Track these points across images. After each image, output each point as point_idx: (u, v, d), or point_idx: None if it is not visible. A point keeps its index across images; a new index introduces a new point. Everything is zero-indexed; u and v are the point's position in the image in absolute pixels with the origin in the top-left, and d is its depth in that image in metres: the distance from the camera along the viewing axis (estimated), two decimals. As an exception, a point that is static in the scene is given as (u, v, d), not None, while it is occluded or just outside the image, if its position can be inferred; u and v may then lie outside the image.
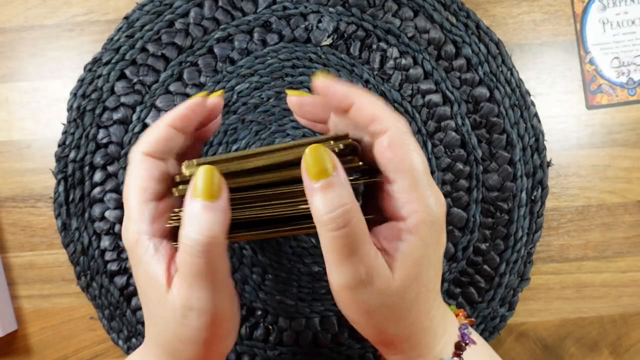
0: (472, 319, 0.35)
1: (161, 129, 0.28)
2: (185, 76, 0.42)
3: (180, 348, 0.27)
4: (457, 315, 0.31)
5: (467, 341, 0.28)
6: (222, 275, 0.26)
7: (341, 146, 0.26)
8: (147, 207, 0.27)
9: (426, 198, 0.25)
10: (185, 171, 0.27)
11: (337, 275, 0.25)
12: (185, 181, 0.27)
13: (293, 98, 0.30)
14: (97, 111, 0.41)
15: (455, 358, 0.28)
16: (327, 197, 0.24)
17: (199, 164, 0.26)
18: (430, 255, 0.26)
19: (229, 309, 0.27)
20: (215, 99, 0.30)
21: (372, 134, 0.26)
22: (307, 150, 0.25)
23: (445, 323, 0.29)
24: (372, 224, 0.27)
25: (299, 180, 0.26)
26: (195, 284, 0.25)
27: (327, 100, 0.28)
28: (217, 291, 0.26)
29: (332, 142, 0.26)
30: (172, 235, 0.28)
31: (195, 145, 0.32)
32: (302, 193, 0.26)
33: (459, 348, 0.28)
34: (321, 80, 0.27)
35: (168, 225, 0.28)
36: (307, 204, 0.26)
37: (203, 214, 0.25)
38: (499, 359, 0.31)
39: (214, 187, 0.25)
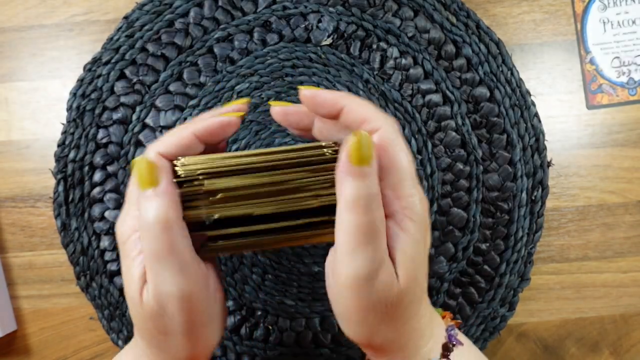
0: (459, 321, 0.36)
1: (185, 136, 0.28)
2: (185, 76, 0.42)
3: (162, 339, 0.27)
4: (443, 317, 0.31)
5: (454, 342, 0.29)
6: (185, 257, 0.26)
7: (332, 152, 0.27)
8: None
9: (412, 196, 0.26)
10: (180, 170, 0.27)
11: (350, 262, 0.25)
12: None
13: (277, 109, 0.30)
14: (97, 111, 0.41)
15: (443, 359, 0.28)
16: (363, 183, 0.25)
17: (188, 163, 0.27)
18: (421, 253, 0.27)
19: (200, 292, 0.27)
20: (244, 107, 0.31)
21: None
22: (356, 135, 0.25)
23: (433, 324, 0.29)
24: None
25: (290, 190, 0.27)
26: (157, 267, 0.26)
27: (316, 109, 0.28)
28: (183, 274, 0.26)
29: (323, 148, 0.27)
30: None
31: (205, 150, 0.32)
32: (297, 191, 0.27)
33: (447, 349, 0.28)
34: (308, 91, 0.28)
35: None
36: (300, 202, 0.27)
37: (149, 201, 0.26)
38: (485, 358, 0.31)
39: (152, 175, 0.26)
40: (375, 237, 0.25)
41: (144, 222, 0.26)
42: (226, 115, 0.29)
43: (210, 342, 0.29)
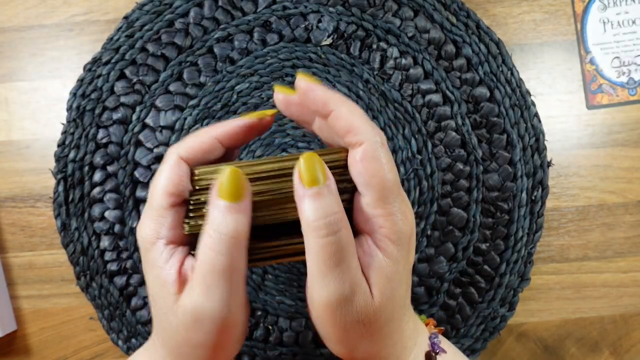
0: (442, 328, 0.36)
1: (206, 140, 0.28)
2: (185, 76, 0.42)
3: (188, 352, 0.27)
4: (427, 325, 0.31)
5: (437, 350, 0.29)
6: (238, 278, 0.26)
7: (333, 157, 0.26)
8: (169, 212, 0.27)
9: (393, 215, 0.26)
10: (199, 178, 0.27)
11: (320, 288, 0.25)
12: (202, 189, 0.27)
13: (280, 95, 0.29)
14: (97, 111, 0.41)
15: None
16: (317, 204, 0.25)
17: (208, 171, 0.27)
18: (400, 272, 0.26)
19: (240, 315, 0.27)
20: (270, 119, 0.30)
21: (347, 144, 0.26)
22: (302, 157, 0.25)
23: (416, 335, 0.29)
24: None
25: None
26: (213, 283, 0.25)
27: (307, 103, 0.28)
28: (232, 294, 0.25)
29: (327, 154, 0.26)
30: (188, 242, 0.28)
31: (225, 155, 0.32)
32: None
33: (429, 357, 0.28)
34: (303, 82, 0.27)
35: (186, 233, 0.27)
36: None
37: (228, 214, 0.25)
38: None
39: (239, 189, 0.26)
40: (343, 259, 0.25)
41: (219, 233, 0.25)
42: (247, 117, 0.29)
43: (233, 353, 0.29)
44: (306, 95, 0.27)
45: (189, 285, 0.26)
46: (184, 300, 0.26)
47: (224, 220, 0.25)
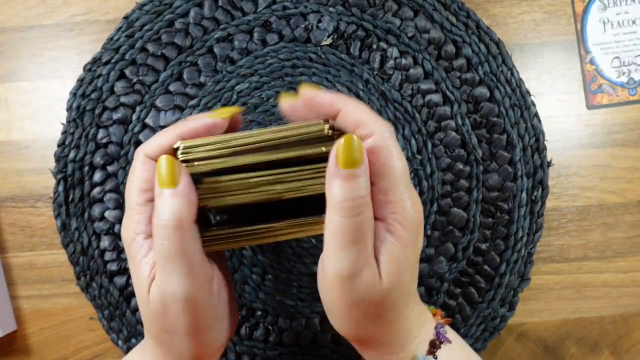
0: (449, 319, 0.36)
1: (170, 137, 0.29)
2: (185, 76, 0.42)
3: (168, 339, 0.28)
4: (434, 315, 0.32)
5: (442, 340, 0.29)
6: (194, 258, 0.27)
7: (331, 132, 0.27)
8: (145, 208, 0.28)
9: (403, 201, 0.27)
10: (180, 155, 0.28)
11: (335, 260, 0.26)
12: None
13: (285, 105, 0.31)
14: (97, 111, 0.41)
15: (429, 356, 0.29)
16: (348, 186, 0.25)
17: (186, 146, 0.28)
18: (408, 257, 0.27)
19: (205, 294, 0.28)
20: (233, 117, 0.31)
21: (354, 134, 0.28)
22: (343, 137, 0.26)
23: (421, 323, 0.30)
24: None
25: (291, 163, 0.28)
26: (167, 267, 0.26)
27: (315, 110, 0.29)
28: (191, 275, 0.27)
29: (324, 126, 0.27)
30: None
31: None
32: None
33: (434, 346, 0.29)
34: (308, 92, 0.29)
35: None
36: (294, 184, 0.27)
37: (167, 200, 0.26)
38: (475, 356, 0.31)
39: (173, 174, 0.27)
40: (361, 239, 0.26)
41: (158, 221, 0.26)
42: (211, 116, 0.30)
43: (218, 342, 0.29)
44: (313, 101, 0.29)
45: (155, 274, 0.27)
46: (152, 289, 0.27)
47: (162, 206, 0.26)
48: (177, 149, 0.28)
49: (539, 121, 0.41)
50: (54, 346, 0.43)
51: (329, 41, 0.41)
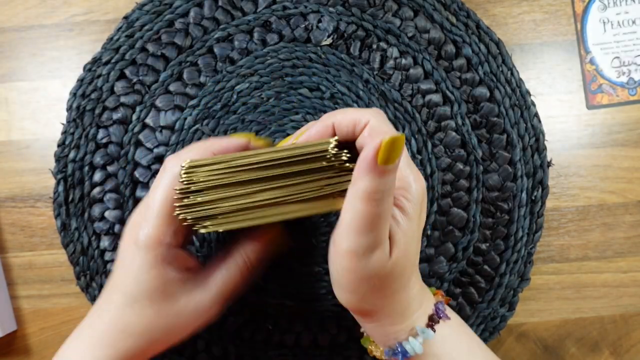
0: (449, 298, 0.38)
1: (205, 154, 0.30)
2: (185, 76, 0.42)
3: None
4: (435, 295, 0.33)
5: (441, 315, 0.31)
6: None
7: (344, 158, 0.28)
8: (173, 220, 0.30)
9: (406, 177, 0.29)
10: (183, 175, 0.29)
11: (352, 239, 0.27)
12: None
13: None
14: (97, 111, 0.41)
15: (428, 328, 0.30)
16: (379, 179, 0.26)
17: (191, 166, 0.29)
18: (414, 229, 0.29)
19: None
20: (260, 143, 0.33)
21: (358, 134, 0.29)
22: (390, 137, 0.26)
23: (422, 298, 0.31)
24: None
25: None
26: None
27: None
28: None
29: (336, 152, 0.28)
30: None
31: None
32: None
33: (432, 320, 0.31)
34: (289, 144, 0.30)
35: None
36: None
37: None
38: (475, 337, 0.33)
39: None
40: (380, 224, 0.27)
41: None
42: (244, 137, 0.32)
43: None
44: (310, 137, 0.30)
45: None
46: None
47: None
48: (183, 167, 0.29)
49: (539, 121, 0.41)
50: (54, 346, 0.43)
51: (329, 41, 0.41)
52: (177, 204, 0.29)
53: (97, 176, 0.41)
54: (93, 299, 0.41)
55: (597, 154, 0.43)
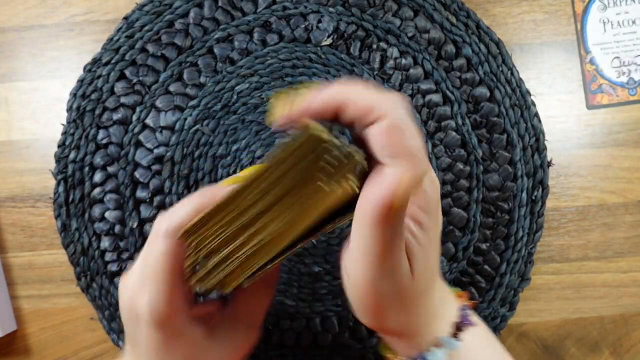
0: (474, 301, 0.35)
1: (190, 212, 0.27)
2: (185, 76, 0.42)
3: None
4: (459, 297, 0.31)
5: (466, 322, 0.29)
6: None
7: (357, 190, 0.24)
8: (183, 288, 0.27)
9: (422, 186, 0.26)
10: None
11: (367, 270, 0.25)
12: None
13: (279, 121, 0.27)
14: (97, 112, 0.41)
15: (453, 338, 0.28)
16: (392, 222, 0.24)
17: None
18: (432, 239, 0.27)
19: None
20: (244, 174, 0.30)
21: (365, 121, 0.24)
22: (405, 189, 0.23)
23: (445, 303, 0.29)
24: None
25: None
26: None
27: (316, 117, 0.25)
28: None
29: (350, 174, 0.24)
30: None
31: None
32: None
33: (457, 328, 0.29)
34: (297, 110, 0.25)
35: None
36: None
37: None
38: (498, 343, 0.31)
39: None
40: (394, 249, 0.24)
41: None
42: (228, 183, 0.28)
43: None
44: (310, 110, 0.25)
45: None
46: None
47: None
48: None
49: (539, 121, 0.41)
50: (54, 346, 0.43)
51: (329, 41, 0.41)
52: (192, 282, 0.26)
53: (98, 177, 0.41)
54: (93, 299, 0.42)
55: (597, 154, 0.43)
